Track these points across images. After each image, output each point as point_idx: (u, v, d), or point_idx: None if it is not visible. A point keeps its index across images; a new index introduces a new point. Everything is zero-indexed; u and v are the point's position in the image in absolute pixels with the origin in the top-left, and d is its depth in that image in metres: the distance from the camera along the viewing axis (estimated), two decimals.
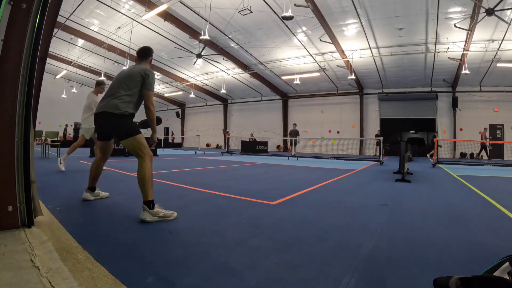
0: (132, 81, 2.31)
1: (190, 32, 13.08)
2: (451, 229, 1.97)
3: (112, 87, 2.39)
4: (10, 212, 1.55)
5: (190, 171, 5.45)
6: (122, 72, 2.47)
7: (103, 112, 2.27)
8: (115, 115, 2.23)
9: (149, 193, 2.12)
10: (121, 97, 2.28)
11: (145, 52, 2.55)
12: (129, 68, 2.45)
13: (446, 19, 10.35)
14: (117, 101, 2.26)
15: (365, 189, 3.77)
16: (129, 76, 2.35)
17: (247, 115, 23.13)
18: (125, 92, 2.30)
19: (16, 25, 1.53)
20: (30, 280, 1.06)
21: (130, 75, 2.35)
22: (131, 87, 2.31)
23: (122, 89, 2.31)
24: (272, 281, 1.16)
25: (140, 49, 2.57)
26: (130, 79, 2.33)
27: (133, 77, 2.32)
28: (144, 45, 2.65)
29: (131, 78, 2.33)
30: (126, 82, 2.33)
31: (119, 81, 2.36)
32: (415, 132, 22.26)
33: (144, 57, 2.57)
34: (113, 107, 2.24)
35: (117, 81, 2.38)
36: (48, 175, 4.22)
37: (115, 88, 2.34)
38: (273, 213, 2.30)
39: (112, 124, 2.29)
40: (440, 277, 1.08)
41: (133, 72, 2.34)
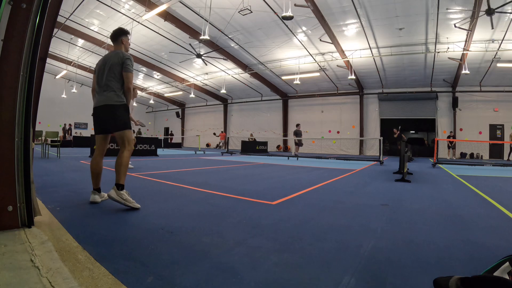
0: (116, 70, 2.51)
1: (190, 32, 13.09)
2: (451, 229, 1.97)
3: (101, 79, 2.54)
4: (10, 212, 1.55)
5: (190, 171, 5.45)
6: (105, 63, 2.56)
7: (105, 105, 2.47)
8: (115, 106, 2.47)
9: (121, 178, 2.42)
10: (114, 89, 2.49)
11: (115, 34, 2.73)
12: (108, 57, 2.59)
13: (446, 19, 10.36)
14: (113, 94, 2.48)
15: (365, 189, 3.77)
16: (112, 66, 2.51)
17: (247, 115, 23.14)
18: (116, 83, 2.51)
19: (16, 25, 1.53)
20: (30, 280, 1.06)
21: (112, 65, 2.51)
22: (117, 76, 2.51)
23: (112, 80, 2.50)
24: (272, 281, 1.16)
25: (111, 33, 2.75)
26: (115, 68, 2.51)
27: (115, 66, 2.50)
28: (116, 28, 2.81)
29: (115, 67, 2.51)
30: (113, 72, 2.50)
31: (108, 73, 2.51)
32: (415, 132, 22.27)
33: (115, 40, 2.73)
34: (112, 99, 2.47)
35: (103, 73, 2.53)
36: (48, 175, 4.22)
37: (105, 81, 2.51)
38: (273, 213, 2.30)
39: (112, 114, 2.49)
40: (440, 277, 1.08)
41: (114, 62, 2.51)
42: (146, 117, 30.25)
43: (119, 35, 2.73)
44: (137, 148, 10.07)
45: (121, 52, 2.61)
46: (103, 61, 2.61)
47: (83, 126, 24.72)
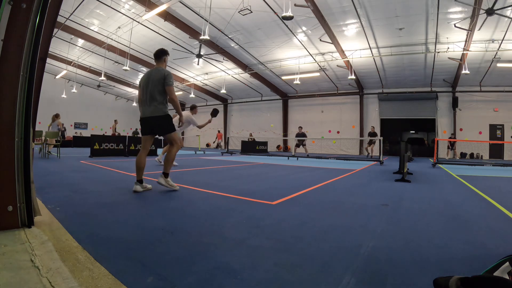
0: (160, 85, 3.01)
1: (190, 32, 13.09)
2: (451, 229, 1.97)
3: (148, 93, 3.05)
4: (10, 212, 1.55)
5: (190, 171, 5.45)
6: (149, 79, 3.07)
7: (153, 117, 3.04)
8: (161, 117, 3.05)
9: (167, 168, 3.12)
10: (160, 102, 3.04)
11: (158, 53, 3.20)
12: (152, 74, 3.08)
13: (446, 19, 10.35)
14: (159, 106, 3.03)
15: (365, 189, 3.77)
16: (157, 82, 3.01)
17: (247, 115, 23.13)
18: (160, 96, 3.02)
19: (16, 25, 1.53)
20: (30, 280, 1.06)
21: (156, 81, 3.02)
22: (161, 90, 3.02)
23: (158, 94, 3.02)
24: (272, 281, 1.16)
25: (155, 52, 3.23)
26: (159, 84, 3.01)
27: (159, 82, 3.00)
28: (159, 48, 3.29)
29: (159, 83, 3.01)
30: (157, 88, 3.01)
31: (153, 88, 3.02)
32: (415, 132, 22.27)
33: (159, 58, 3.20)
34: (159, 111, 3.03)
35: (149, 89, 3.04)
36: (48, 175, 4.22)
37: (150, 94, 3.03)
38: (273, 213, 2.30)
39: (159, 123, 3.09)
40: (440, 277, 1.08)
41: (157, 78, 3.01)
42: None
43: (162, 55, 3.20)
44: (137, 148, 10.06)
45: (162, 69, 3.08)
46: (147, 77, 3.10)
47: (83, 126, 24.72)
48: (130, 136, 11.32)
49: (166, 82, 2.99)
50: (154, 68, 3.15)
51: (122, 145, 9.51)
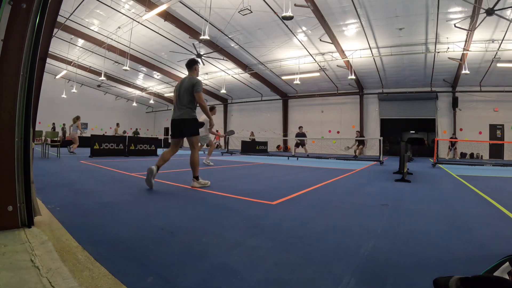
0: (189, 92, 3.38)
1: (190, 32, 13.09)
2: (451, 229, 1.97)
3: (179, 98, 3.43)
4: (10, 212, 1.55)
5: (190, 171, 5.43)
6: (181, 85, 3.46)
7: (182, 119, 3.40)
8: (188, 119, 3.40)
9: (196, 171, 3.46)
10: (189, 106, 3.39)
11: (190, 63, 3.59)
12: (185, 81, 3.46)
13: (446, 19, 10.35)
14: (188, 110, 3.39)
15: (365, 189, 3.77)
16: (187, 89, 3.39)
17: (247, 115, 23.13)
18: (189, 101, 3.39)
19: (16, 25, 1.53)
20: (30, 280, 1.06)
21: (187, 88, 3.39)
22: (190, 96, 3.38)
23: (187, 99, 3.38)
24: (272, 281, 1.16)
25: (187, 63, 3.63)
26: (188, 91, 3.38)
27: (189, 89, 3.38)
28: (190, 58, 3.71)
29: (188, 90, 3.38)
30: (187, 94, 3.38)
31: (183, 94, 3.40)
32: (415, 132, 22.28)
33: (190, 67, 3.59)
34: (186, 115, 3.39)
35: (180, 95, 3.42)
36: (48, 175, 4.22)
37: (181, 99, 3.41)
38: (273, 213, 2.30)
39: (186, 125, 3.41)
40: (440, 277, 1.08)
41: (188, 85, 3.39)
42: (146, 117, 30.27)
43: (193, 64, 3.57)
44: (137, 148, 10.07)
45: (192, 77, 3.46)
46: (180, 84, 3.50)
47: (83, 126, 24.71)
48: (130, 136, 11.32)
49: (195, 89, 3.35)
50: (187, 76, 3.54)
51: (122, 145, 9.51)
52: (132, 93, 25.14)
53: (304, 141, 12.53)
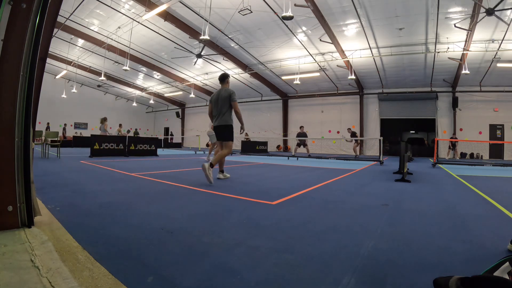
0: (226, 101, 4.01)
1: (190, 32, 13.09)
2: (451, 229, 1.97)
3: (216, 107, 4.11)
4: (10, 212, 1.55)
5: (190, 171, 5.45)
6: (219, 97, 4.10)
7: (221, 125, 4.09)
8: (225, 126, 4.05)
9: (221, 166, 4.30)
10: (226, 114, 4.03)
11: (223, 77, 4.26)
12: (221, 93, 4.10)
13: (446, 19, 10.35)
14: (226, 117, 4.03)
15: (365, 189, 3.77)
16: (224, 99, 4.02)
17: (247, 115, 23.09)
18: (226, 110, 4.02)
19: (16, 25, 1.53)
20: (30, 280, 1.06)
21: (224, 98, 4.03)
22: (227, 106, 4.01)
23: (224, 108, 4.01)
24: (272, 281, 1.16)
25: (220, 77, 4.29)
26: (225, 101, 4.01)
27: (226, 99, 4.02)
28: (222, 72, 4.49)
29: (226, 100, 4.01)
30: (224, 103, 4.02)
31: (221, 104, 4.05)
32: (415, 132, 22.28)
33: (223, 81, 4.24)
34: (225, 121, 4.04)
35: (219, 104, 4.08)
36: (48, 175, 4.22)
37: (220, 108, 4.06)
38: (273, 213, 2.30)
39: (224, 130, 4.08)
40: (440, 277, 1.08)
41: (225, 96, 4.04)
42: (146, 117, 30.27)
43: (225, 78, 4.26)
44: (137, 148, 10.07)
45: (228, 89, 4.11)
46: (217, 95, 4.13)
47: (83, 126, 24.72)
48: (130, 136, 11.32)
49: (232, 99, 4.00)
50: (222, 88, 4.16)
51: (122, 145, 9.51)
52: (132, 93, 25.13)
53: (305, 141, 12.52)
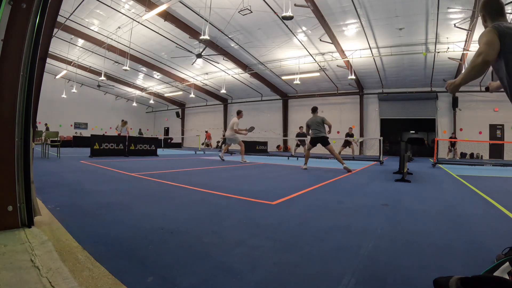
0: (321, 123, 6.29)
1: (190, 32, 13.09)
2: (451, 229, 1.97)
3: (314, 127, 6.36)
4: (10, 212, 1.55)
5: (190, 171, 5.45)
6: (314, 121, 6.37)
7: (318, 137, 6.31)
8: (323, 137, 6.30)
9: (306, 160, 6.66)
10: (321, 130, 6.31)
11: (315, 109, 6.62)
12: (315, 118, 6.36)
13: (446, 19, 10.35)
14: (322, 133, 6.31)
15: (365, 189, 3.77)
16: (317, 122, 6.30)
17: (247, 115, 23.02)
18: (322, 127, 6.32)
19: (16, 25, 1.53)
20: (30, 280, 1.06)
21: (317, 121, 6.30)
22: (321, 125, 6.31)
23: (321, 126, 6.31)
24: (272, 281, 1.16)
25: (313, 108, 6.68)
26: (318, 123, 6.29)
27: (319, 122, 6.29)
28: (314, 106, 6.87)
29: (318, 122, 6.29)
30: (319, 124, 6.29)
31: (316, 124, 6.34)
32: (415, 132, 22.28)
33: (315, 111, 6.56)
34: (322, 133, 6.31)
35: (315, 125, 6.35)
36: (48, 175, 4.23)
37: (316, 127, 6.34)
38: (273, 213, 2.30)
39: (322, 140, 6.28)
40: (440, 277, 1.08)
41: (318, 120, 6.30)
42: (146, 117, 30.28)
43: (317, 109, 6.63)
44: (137, 148, 10.07)
45: (319, 116, 6.40)
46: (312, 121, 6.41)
47: (83, 126, 24.73)
48: (130, 136, 11.31)
49: (325, 121, 6.34)
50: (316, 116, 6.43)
51: (122, 145, 9.50)
52: (132, 93, 25.14)
53: (305, 141, 12.50)
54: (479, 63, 1.33)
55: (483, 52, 1.33)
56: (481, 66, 1.33)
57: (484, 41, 1.35)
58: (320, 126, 6.29)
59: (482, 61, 1.32)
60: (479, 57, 1.33)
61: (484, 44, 1.34)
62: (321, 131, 6.27)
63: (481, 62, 1.33)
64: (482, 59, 1.32)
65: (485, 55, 1.32)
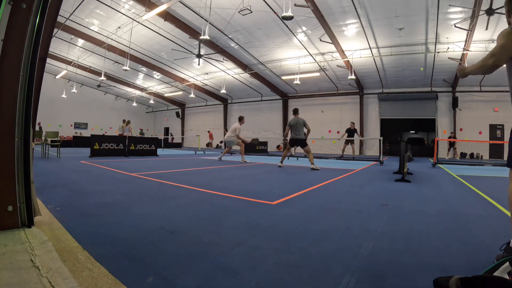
0: (301, 124, 6.67)
1: (190, 32, 13.09)
2: (451, 229, 1.97)
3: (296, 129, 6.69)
4: (10, 212, 1.55)
5: (190, 171, 5.45)
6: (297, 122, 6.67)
7: (297, 139, 6.77)
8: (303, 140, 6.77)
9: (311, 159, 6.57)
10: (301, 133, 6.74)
11: (296, 111, 6.92)
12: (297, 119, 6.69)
13: (446, 19, 10.35)
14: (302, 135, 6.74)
15: (365, 189, 3.77)
16: (300, 123, 6.67)
17: (247, 115, 23.01)
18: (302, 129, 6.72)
19: (16, 25, 1.53)
20: (30, 280, 1.06)
21: (300, 123, 6.67)
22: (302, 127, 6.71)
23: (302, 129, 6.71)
24: (272, 281, 1.16)
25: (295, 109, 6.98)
26: (300, 124, 6.66)
27: (301, 123, 6.67)
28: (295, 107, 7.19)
29: (300, 124, 6.66)
30: (301, 126, 6.67)
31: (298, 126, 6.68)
32: (415, 132, 22.28)
33: (296, 113, 6.87)
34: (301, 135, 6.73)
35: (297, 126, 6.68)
36: (48, 175, 4.22)
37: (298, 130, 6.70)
38: (273, 213, 2.30)
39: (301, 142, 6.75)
40: (440, 277, 1.08)
41: (301, 122, 6.67)
42: (146, 117, 30.28)
43: (298, 111, 6.94)
44: (137, 148, 10.07)
45: (301, 118, 6.72)
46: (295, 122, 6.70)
47: (83, 126, 24.73)
48: (130, 136, 11.31)
49: (306, 124, 6.68)
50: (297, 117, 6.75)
51: (122, 145, 9.50)
52: (132, 93, 25.14)
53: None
54: (489, 65, 1.34)
55: (496, 55, 1.33)
56: (491, 68, 1.35)
57: (501, 43, 1.34)
58: (301, 128, 6.66)
59: (492, 63, 1.33)
60: (491, 58, 1.34)
61: (499, 47, 1.34)
62: (301, 133, 6.69)
63: (491, 64, 1.34)
64: (493, 62, 1.33)
65: (497, 59, 1.33)
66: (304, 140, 6.73)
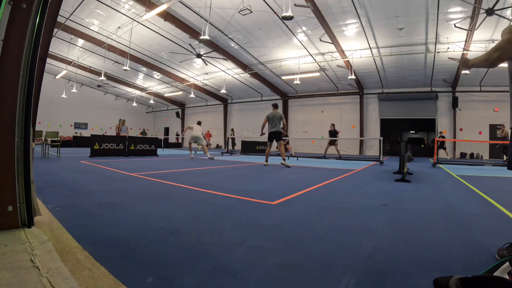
0: (278, 118, 7.05)
1: (190, 32, 13.09)
2: (451, 229, 1.97)
3: (273, 121, 7.08)
4: (10, 212, 1.55)
5: (190, 171, 5.45)
6: (274, 116, 7.05)
7: (274, 132, 7.09)
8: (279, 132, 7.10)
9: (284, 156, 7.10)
10: (278, 125, 7.08)
11: (276, 105, 7.34)
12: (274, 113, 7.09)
13: (446, 19, 10.35)
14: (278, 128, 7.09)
15: (365, 189, 3.77)
16: (277, 117, 7.05)
17: (247, 115, 23.13)
18: (278, 123, 7.08)
19: (16, 25, 1.53)
20: (30, 280, 1.06)
21: (277, 117, 7.05)
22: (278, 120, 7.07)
23: (278, 122, 7.08)
24: (272, 281, 1.16)
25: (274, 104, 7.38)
26: (277, 118, 7.04)
27: (278, 117, 7.05)
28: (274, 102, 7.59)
29: (277, 118, 7.04)
30: (278, 120, 7.05)
31: (275, 119, 7.06)
32: (415, 132, 22.28)
33: (276, 107, 7.26)
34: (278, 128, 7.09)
35: (274, 119, 7.05)
36: (48, 175, 4.22)
37: (275, 123, 7.06)
38: (273, 213, 2.30)
39: (277, 135, 7.08)
40: (440, 277, 1.08)
41: (278, 116, 7.06)
42: (146, 117, 30.28)
43: (277, 106, 7.32)
44: (137, 148, 10.07)
45: (279, 112, 7.13)
46: (276, 116, 7.05)
47: (83, 126, 24.73)
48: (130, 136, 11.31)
49: (282, 118, 7.04)
50: (275, 111, 7.11)
51: (122, 145, 9.50)
52: (132, 93, 25.14)
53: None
54: (494, 59, 1.34)
55: (502, 49, 1.33)
56: (495, 61, 1.34)
57: (506, 38, 1.34)
58: (278, 122, 7.02)
59: (497, 57, 1.33)
60: (496, 52, 1.33)
61: (505, 41, 1.33)
62: (277, 126, 7.02)
63: (496, 58, 1.33)
64: (498, 56, 1.33)
65: (502, 53, 1.32)
66: (280, 133, 6.99)
